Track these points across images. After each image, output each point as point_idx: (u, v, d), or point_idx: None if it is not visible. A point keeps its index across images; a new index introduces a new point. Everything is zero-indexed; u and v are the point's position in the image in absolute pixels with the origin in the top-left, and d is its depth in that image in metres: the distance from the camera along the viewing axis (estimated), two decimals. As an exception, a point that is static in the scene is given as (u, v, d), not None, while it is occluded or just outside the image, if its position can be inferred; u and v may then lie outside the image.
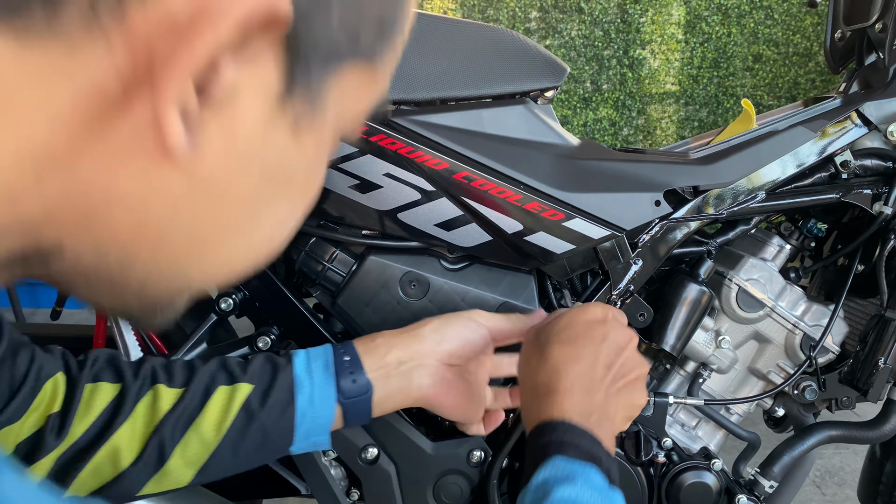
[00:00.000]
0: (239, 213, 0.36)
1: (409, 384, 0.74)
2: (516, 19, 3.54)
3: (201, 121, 0.30)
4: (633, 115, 3.63)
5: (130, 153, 0.30)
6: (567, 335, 0.69)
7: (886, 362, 0.99)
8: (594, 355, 0.68)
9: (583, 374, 0.66)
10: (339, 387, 0.71)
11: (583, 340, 0.69)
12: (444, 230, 0.88)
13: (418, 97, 0.85)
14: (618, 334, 0.71)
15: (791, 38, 3.58)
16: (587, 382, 0.66)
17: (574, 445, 0.60)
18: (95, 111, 0.29)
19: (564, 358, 0.67)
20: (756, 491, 1.02)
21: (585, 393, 0.65)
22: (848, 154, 0.98)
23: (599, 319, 0.71)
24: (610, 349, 0.69)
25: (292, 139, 0.34)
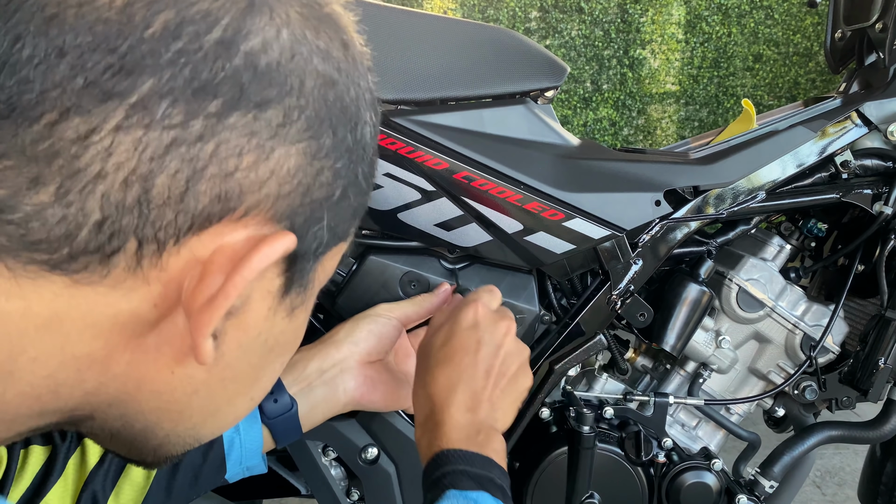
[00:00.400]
0: (246, 384, 0.44)
1: (335, 391, 0.75)
2: (516, 19, 3.54)
3: (223, 330, 0.38)
4: (633, 115, 3.63)
5: (159, 355, 0.38)
6: (443, 354, 0.71)
7: (886, 362, 0.99)
8: (472, 367, 0.70)
9: (463, 395, 0.68)
10: (262, 409, 0.72)
11: (459, 355, 0.71)
12: (444, 230, 0.87)
13: (418, 97, 0.85)
14: (493, 333, 0.73)
15: (791, 37, 3.58)
16: (469, 401, 0.68)
17: (465, 474, 0.63)
18: (132, 328, 0.36)
19: (444, 384, 0.69)
20: (756, 491, 1.02)
21: (469, 412, 0.68)
22: (848, 154, 0.98)
23: (471, 325, 0.73)
24: (487, 353, 0.71)
25: (288, 320, 0.42)
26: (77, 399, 0.37)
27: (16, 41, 0.31)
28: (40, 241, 0.32)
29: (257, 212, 0.36)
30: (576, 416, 0.92)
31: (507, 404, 0.72)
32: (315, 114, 0.37)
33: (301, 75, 0.36)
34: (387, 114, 0.84)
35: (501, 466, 0.66)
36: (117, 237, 0.33)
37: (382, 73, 0.83)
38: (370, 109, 0.43)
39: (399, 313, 0.81)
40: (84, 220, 0.32)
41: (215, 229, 0.35)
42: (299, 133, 0.37)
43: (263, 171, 0.35)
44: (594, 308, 0.95)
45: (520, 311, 0.93)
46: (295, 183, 0.37)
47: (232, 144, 0.34)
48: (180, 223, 0.34)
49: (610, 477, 0.95)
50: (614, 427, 0.99)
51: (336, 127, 0.39)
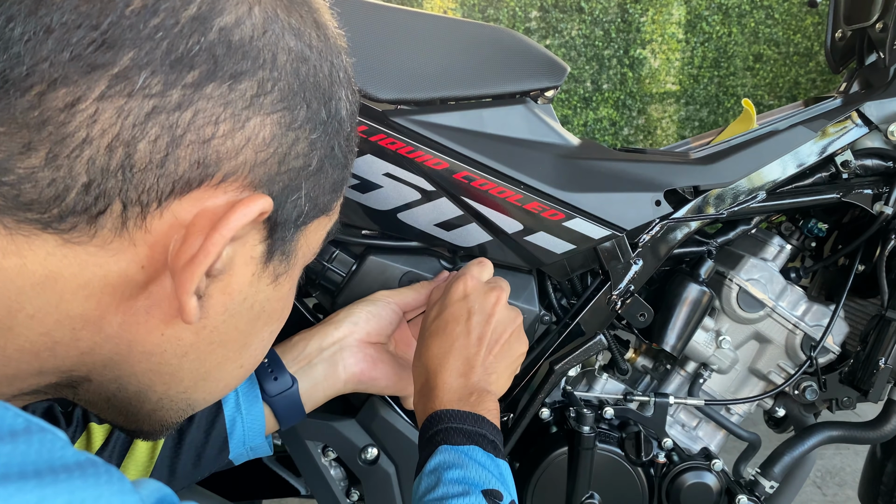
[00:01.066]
0: (234, 349, 0.46)
1: (335, 368, 0.76)
2: (516, 19, 3.53)
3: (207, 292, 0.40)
4: (633, 114, 3.63)
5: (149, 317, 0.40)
6: (436, 326, 0.75)
7: (887, 362, 0.99)
8: (464, 336, 0.73)
9: (456, 361, 0.71)
10: (263, 388, 0.73)
11: (451, 325, 0.74)
12: (444, 230, 0.87)
13: (418, 97, 0.85)
14: (483, 302, 0.75)
15: (791, 37, 3.57)
16: (461, 366, 0.71)
17: (458, 430, 0.66)
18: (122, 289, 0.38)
19: (437, 352, 0.72)
20: (756, 491, 1.02)
21: (462, 377, 0.71)
22: (848, 154, 0.98)
23: (461, 296, 0.76)
24: (478, 321, 0.74)
25: (273, 287, 0.45)
26: (73, 359, 0.39)
27: (8, 21, 0.33)
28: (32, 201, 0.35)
29: (235, 178, 0.38)
30: (576, 417, 0.92)
31: (502, 368, 0.74)
32: (288, 86, 0.40)
33: (273, 50, 0.39)
34: (387, 114, 0.84)
35: (494, 423, 0.68)
36: (103, 199, 0.35)
37: (382, 73, 0.83)
38: (345, 87, 0.45)
39: (398, 298, 0.82)
40: (72, 182, 0.35)
41: (196, 194, 0.37)
42: (273, 104, 0.39)
43: (239, 139, 0.38)
44: (594, 308, 0.95)
45: (520, 311, 0.93)
46: (271, 151, 0.39)
47: (208, 113, 0.37)
48: (162, 187, 0.36)
49: (610, 477, 0.95)
50: (614, 427, 0.99)
51: (310, 100, 0.41)
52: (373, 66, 0.83)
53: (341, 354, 0.77)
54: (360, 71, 0.82)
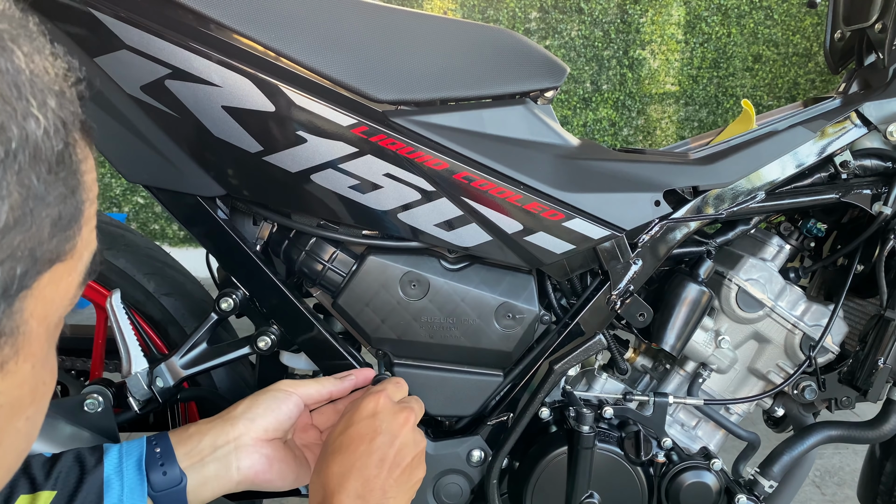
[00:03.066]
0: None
1: (228, 468, 0.74)
2: (516, 19, 3.54)
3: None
4: (632, 115, 3.63)
5: None
6: (339, 443, 0.73)
7: (886, 362, 0.99)
8: (366, 456, 0.71)
9: (355, 483, 0.70)
10: (150, 480, 0.70)
11: (355, 443, 0.72)
12: (444, 230, 0.88)
13: (418, 97, 0.85)
14: (391, 422, 0.74)
15: (791, 38, 3.58)
16: (360, 488, 0.70)
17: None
18: None
19: (336, 471, 0.71)
20: (756, 491, 1.03)
21: (359, 499, 0.69)
22: (847, 154, 0.98)
23: (370, 414, 0.75)
24: (383, 442, 0.73)
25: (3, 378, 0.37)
26: None
27: None
28: None
29: None
30: (575, 416, 0.92)
31: (401, 494, 0.73)
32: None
33: None
34: (387, 114, 0.84)
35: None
36: None
37: (382, 74, 0.83)
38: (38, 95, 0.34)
39: (301, 390, 0.80)
40: None
41: None
42: None
43: None
44: (594, 308, 0.96)
45: (520, 311, 0.93)
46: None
47: None
48: None
49: (609, 477, 0.95)
50: (614, 427, 0.99)
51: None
52: (373, 66, 0.83)
53: (236, 454, 0.74)
54: (360, 71, 0.82)
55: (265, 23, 0.79)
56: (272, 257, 0.95)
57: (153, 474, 0.70)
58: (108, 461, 0.70)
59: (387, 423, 0.74)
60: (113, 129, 0.82)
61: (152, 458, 0.71)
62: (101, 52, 0.78)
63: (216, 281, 0.97)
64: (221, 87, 0.79)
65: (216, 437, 0.74)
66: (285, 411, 0.78)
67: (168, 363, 0.91)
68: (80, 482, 0.68)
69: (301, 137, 0.82)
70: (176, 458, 0.72)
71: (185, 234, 3.64)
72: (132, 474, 0.70)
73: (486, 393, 0.97)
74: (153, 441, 0.73)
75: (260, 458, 0.75)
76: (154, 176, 0.85)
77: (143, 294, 1.00)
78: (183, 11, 0.78)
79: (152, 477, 0.70)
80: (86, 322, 1.12)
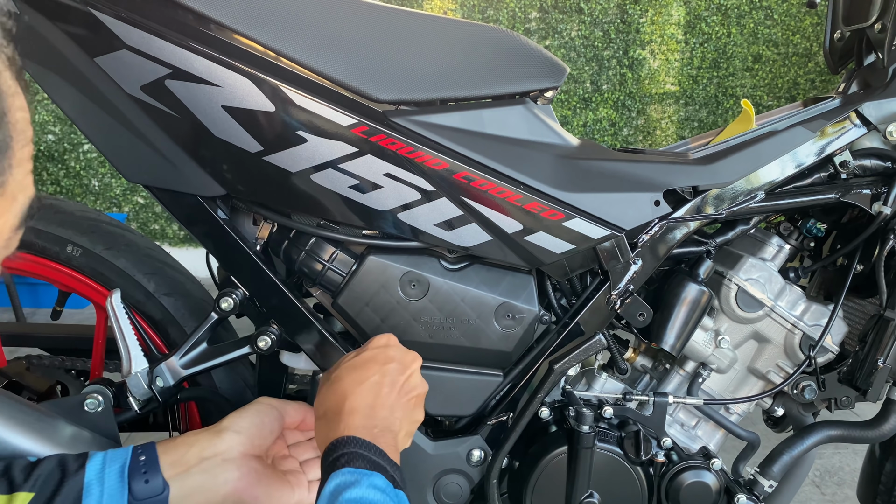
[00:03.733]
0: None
1: (215, 481, 0.73)
2: (516, 19, 3.54)
3: None
4: (632, 115, 3.63)
5: None
6: (356, 361, 0.76)
7: (885, 362, 0.99)
8: (380, 375, 0.74)
9: (368, 393, 0.72)
10: (132, 489, 0.69)
11: (370, 364, 0.76)
12: (444, 230, 0.88)
13: (418, 97, 0.85)
14: (403, 356, 0.78)
15: (791, 38, 3.58)
16: (372, 400, 0.72)
17: (360, 456, 0.65)
18: None
19: (351, 381, 0.73)
20: (755, 490, 1.03)
21: (370, 409, 0.71)
22: (847, 154, 0.98)
23: (384, 344, 0.79)
24: (395, 369, 0.76)
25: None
26: None
27: None
28: None
29: None
30: (575, 416, 0.92)
31: (405, 422, 0.75)
32: None
33: None
34: (387, 114, 0.84)
35: (394, 461, 0.68)
36: None
37: (382, 73, 0.83)
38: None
39: (281, 406, 0.82)
40: None
41: None
42: None
43: None
44: (594, 308, 0.96)
45: (520, 311, 0.93)
46: None
47: None
48: None
49: (609, 476, 0.95)
50: (614, 426, 0.99)
51: None
52: (373, 66, 0.83)
53: (224, 467, 0.74)
54: (360, 71, 0.82)
55: (265, 23, 0.79)
56: (272, 257, 0.96)
57: (135, 482, 0.69)
58: (90, 467, 0.69)
59: (399, 356, 0.78)
60: (113, 129, 0.82)
61: (136, 466, 0.70)
62: (102, 52, 0.78)
63: (216, 281, 0.97)
64: (221, 87, 0.79)
65: (203, 449, 0.74)
66: (268, 424, 0.79)
67: (168, 363, 0.91)
68: (60, 485, 0.67)
69: (301, 137, 0.82)
70: (160, 467, 0.71)
71: (185, 234, 3.64)
72: (113, 481, 0.69)
73: (486, 393, 0.97)
74: (139, 450, 0.73)
75: (248, 472, 0.75)
76: (154, 176, 0.85)
77: (143, 294, 1.00)
78: (183, 11, 0.78)
79: (134, 485, 0.69)
80: (86, 322, 1.12)
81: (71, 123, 3.39)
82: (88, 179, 3.55)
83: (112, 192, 3.58)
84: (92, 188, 3.56)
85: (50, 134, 3.48)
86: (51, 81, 0.81)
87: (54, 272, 0.99)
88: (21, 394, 1.04)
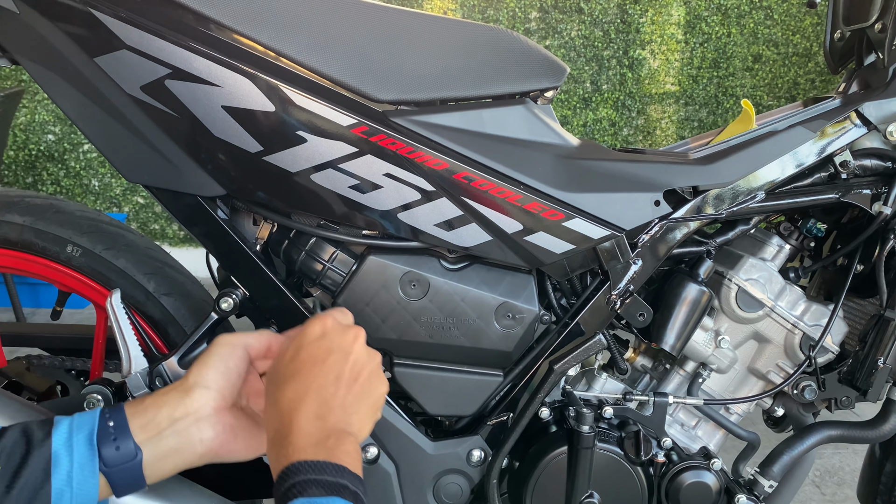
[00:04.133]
0: None
1: (190, 441, 0.70)
2: (516, 19, 3.54)
3: None
4: (632, 115, 3.63)
5: None
6: (292, 369, 0.70)
7: (886, 362, 0.99)
8: (322, 376, 0.69)
9: (313, 403, 0.67)
10: (102, 456, 0.66)
11: (307, 367, 0.70)
12: (444, 230, 0.88)
13: (418, 98, 0.85)
14: (341, 340, 0.72)
15: (791, 38, 3.58)
16: (318, 409, 0.67)
17: (312, 483, 0.60)
18: None
19: (292, 397, 0.68)
20: (756, 490, 1.03)
21: (319, 420, 0.66)
22: (847, 154, 0.98)
23: (318, 335, 0.72)
24: (336, 360, 0.70)
25: None
26: None
27: None
28: None
29: None
30: (575, 416, 0.92)
31: (363, 409, 0.71)
32: None
33: None
34: (387, 114, 0.84)
35: (355, 472, 0.63)
36: None
37: (382, 74, 0.83)
38: None
39: (242, 341, 0.77)
40: None
41: None
42: None
43: None
44: (594, 308, 0.96)
45: (520, 310, 0.93)
46: None
47: None
48: None
49: (609, 476, 0.95)
50: (614, 427, 0.99)
51: None
52: (373, 66, 0.83)
53: (198, 426, 0.71)
54: (360, 71, 0.82)
55: (265, 23, 0.79)
56: (272, 257, 0.95)
57: (105, 449, 0.66)
58: (56, 435, 0.66)
59: (337, 342, 0.72)
60: (113, 129, 0.82)
61: (105, 431, 0.67)
62: (101, 52, 0.78)
63: (216, 281, 0.97)
64: (221, 87, 0.79)
65: (174, 409, 0.70)
66: (234, 368, 0.75)
67: (168, 363, 0.91)
68: (26, 458, 0.65)
69: (301, 137, 0.82)
70: (130, 431, 0.68)
71: (185, 234, 3.64)
72: (83, 449, 0.66)
73: (486, 393, 0.97)
74: (106, 414, 0.69)
75: (224, 429, 0.72)
76: (154, 176, 0.85)
77: (143, 294, 1.00)
78: (183, 11, 0.78)
79: (104, 452, 0.66)
80: (86, 322, 1.12)
81: (71, 123, 3.39)
82: (88, 179, 3.55)
83: (112, 192, 3.58)
84: (92, 188, 3.56)
85: (50, 134, 3.48)
86: (51, 81, 0.81)
87: (54, 272, 0.99)
88: (21, 394, 1.04)
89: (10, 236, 0.96)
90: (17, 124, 3.44)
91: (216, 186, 0.85)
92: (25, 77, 3.33)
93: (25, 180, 3.51)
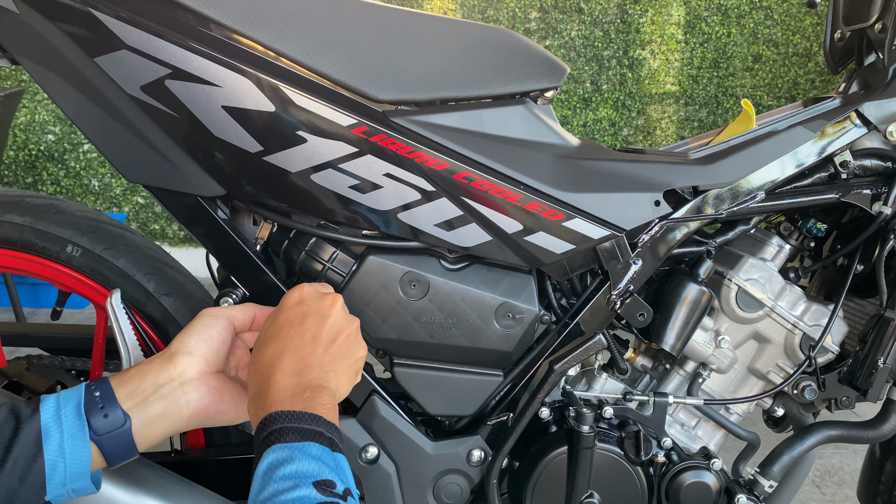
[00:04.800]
0: None
1: (177, 404, 0.72)
2: (516, 19, 3.54)
3: None
4: (632, 115, 3.63)
5: None
6: (271, 332, 0.73)
7: (886, 362, 0.99)
8: (299, 336, 0.72)
9: (290, 361, 0.70)
10: (91, 425, 0.68)
11: (285, 329, 0.73)
12: (444, 230, 0.88)
13: (418, 97, 0.85)
14: (319, 305, 0.75)
15: (791, 38, 3.58)
16: (295, 366, 0.69)
17: (289, 430, 0.63)
18: None
19: (271, 355, 0.71)
20: (756, 490, 1.03)
21: (296, 376, 0.69)
22: (847, 154, 0.98)
23: (296, 301, 0.76)
24: (314, 322, 0.73)
25: None
26: None
27: None
28: None
29: None
30: (575, 416, 0.92)
31: (341, 368, 0.73)
32: None
33: None
34: (387, 114, 0.84)
35: (331, 421, 0.66)
36: None
37: (382, 74, 0.83)
38: None
39: (225, 313, 0.79)
40: None
41: None
42: None
43: None
44: (594, 308, 0.96)
45: (520, 311, 0.93)
46: None
47: None
48: None
49: (609, 476, 0.95)
50: (614, 427, 0.99)
51: None
52: (373, 66, 0.83)
53: (183, 390, 0.72)
54: (360, 71, 0.82)
55: (265, 23, 0.79)
56: (272, 257, 0.95)
57: (94, 418, 0.68)
58: (44, 410, 0.68)
59: (315, 307, 0.75)
60: (113, 129, 0.82)
61: (92, 402, 0.69)
62: (101, 52, 0.78)
63: (216, 281, 0.97)
64: (221, 87, 0.79)
65: (158, 376, 0.72)
66: (217, 336, 0.76)
67: (168, 363, 0.91)
68: (16, 433, 0.66)
69: (301, 137, 0.82)
70: (117, 400, 0.69)
71: (185, 234, 3.64)
72: (71, 420, 0.67)
73: (486, 393, 0.97)
74: (92, 386, 0.71)
75: (209, 391, 0.74)
76: (154, 176, 0.85)
77: (143, 294, 1.00)
78: (183, 11, 0.78)
79: (93, 421, 0.68)
80: (86, 322, 1.12)
81: (71, 123, 3.39)
82: (88, 179, 3.55)
83: (112, 192, 3.58)
84: (92, 188, 3.56)
85: (50, 134, 3.48)
86: (51, 81, 0.81)
87: (54, 272, 0.99)
88: (21, 394, 1.04)
89: (10, 236, 0.96)
90: (17, 124, 3.44)
91: (216, 186, 0.85)
92: (25, 77, 3.33)
93: (25, 180, 3.52)
